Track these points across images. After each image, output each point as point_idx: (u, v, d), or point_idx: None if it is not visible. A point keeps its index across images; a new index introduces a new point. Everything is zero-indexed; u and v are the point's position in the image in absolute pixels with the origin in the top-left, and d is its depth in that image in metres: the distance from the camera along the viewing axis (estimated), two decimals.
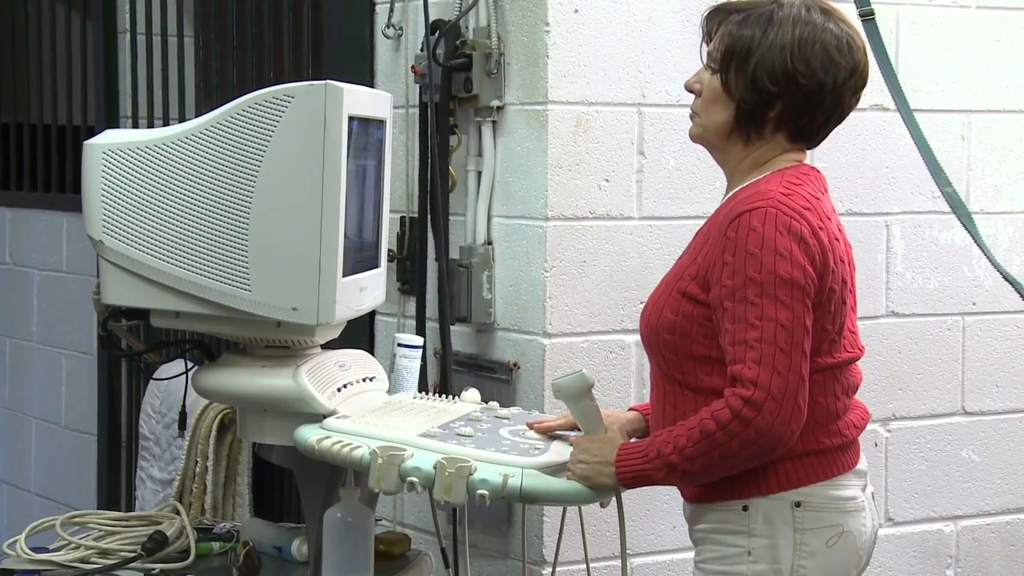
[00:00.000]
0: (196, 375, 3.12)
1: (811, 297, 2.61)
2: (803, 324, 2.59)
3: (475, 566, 3.63)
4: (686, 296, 2.68)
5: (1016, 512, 4.18)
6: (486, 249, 3.68)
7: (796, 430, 2.58)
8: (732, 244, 2.61)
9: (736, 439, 2.57)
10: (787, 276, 2.58)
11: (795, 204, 2.64)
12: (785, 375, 2.56)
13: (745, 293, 2.59)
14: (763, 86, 2.69)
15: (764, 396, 2.55)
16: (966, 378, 4.10)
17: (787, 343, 2.57)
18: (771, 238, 2.59)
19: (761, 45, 2.69)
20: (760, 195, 2.65)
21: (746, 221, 2.61)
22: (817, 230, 2.64)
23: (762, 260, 2.59)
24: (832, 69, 2.70)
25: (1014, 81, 4.12)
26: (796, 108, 2.71)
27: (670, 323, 2.69)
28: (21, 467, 5.76)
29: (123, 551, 3.25)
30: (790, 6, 2.72)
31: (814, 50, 2.69)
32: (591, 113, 3.59)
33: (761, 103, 2.71)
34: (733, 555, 2.68)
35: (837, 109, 2.75)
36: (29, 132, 5.64)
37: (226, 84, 4.40)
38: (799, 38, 2.69)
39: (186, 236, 2.93)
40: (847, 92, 2.73)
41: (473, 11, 3.65)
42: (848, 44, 2.72)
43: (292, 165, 2.90)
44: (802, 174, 2.74)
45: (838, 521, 2.69)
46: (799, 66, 2.68)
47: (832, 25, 2.71)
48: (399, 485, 2.77)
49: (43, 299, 5.60)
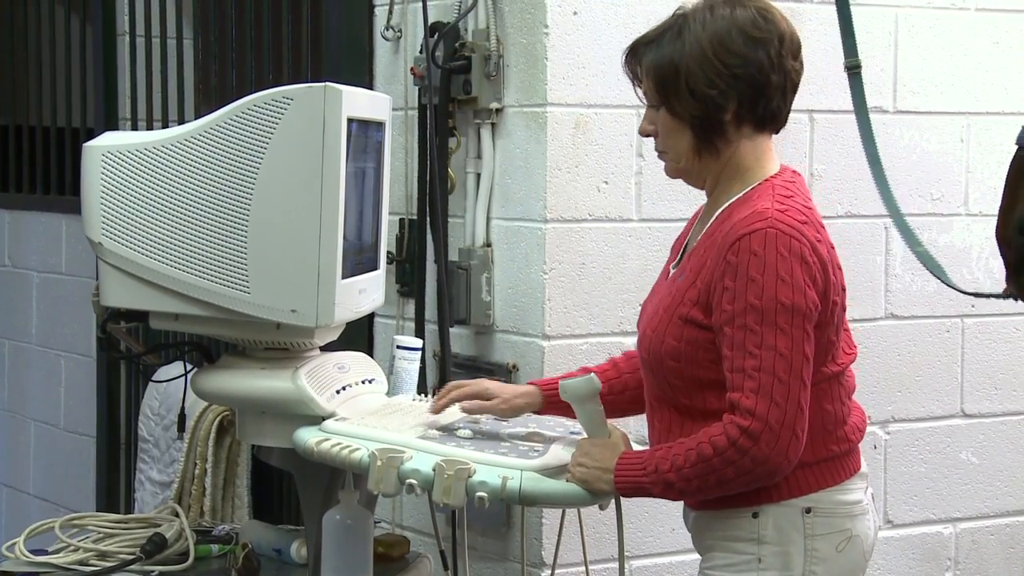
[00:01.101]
0: (195, 377, 3.12)
1: (812, 321, 2.59)
2: (803, 352, 2.57)
3: (474, 568, 3.63)
4: (688, 322, 2.66)
5: (1015, 514, 4.17)
6: (485, 251, 3.68)
7: (794, 460, 2.58)
8: (733, 269, 2.59)
9: (732, 467, 2.56)
10: (788, 303, 2.56)
11: (792, 220, 2.61)
12: (783, 406, 2.55)
13: (745, 320, 2.57)
14: (704, 94, 2.66)
15: (761, 427, 2.54)
16: (965, 380, 4.10)
17: (786, 372, 2.55)
18: (772, 262, 2.57)
19: (682, 57, 2.66)
20: (757, 215, 2.61)
21: (746, 245, 2.58)
22: (816, 244, 2.61)
23: (763, 286, 2.56)
24: (760, 46, 2.66)
25: (1013, 83, 4.12)
26: (748, 99, 2.67)
27: (674, 350, 2.67)
28: (20, 469, 5.76)
29: (122, 553, 3.25)
30: (694, 12, 2.70)
31: (733, 38, 2.65)
32: (590, 115, 3.59)
33: (712, 111, 2.68)
34: (743, 562, 2.67)
35: (787, 81, 2.70)
36: (28, 134, 5.64)
37: (225, 86, 4.40)
38: (713, 34, 2.66)
39: (185, 238, 2.93)
40: (787, 60, 2.69)
41: (472, 13, 3.65)
42: (764, 17, 2.68)
43: (291, 167, 2.90)
44: (788, 182, 2.71)
45: (847, 526, 2.69)
46: (727, 59, 2.65)
47: (740, 10, 2.68)
48: (398, 487, 2.77)
49: (42, 301, 5.60)
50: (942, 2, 4.02)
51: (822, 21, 3.82)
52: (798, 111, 3.76)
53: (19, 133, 5.70)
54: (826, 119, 3.86)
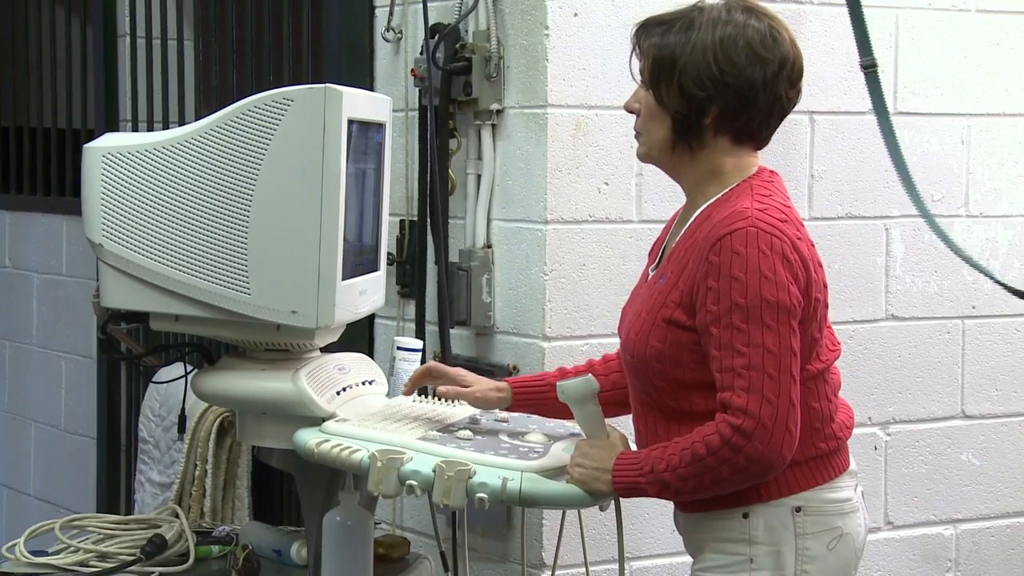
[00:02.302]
0: (195, 378, 3.12)
1: (797, 317, 2.59)
2: (790, 348, 2.57)
3: (474, 569, 3.63)
4: (672, 324, 2.66)
5: (1016, 516, 4.18)
6: (485, 252, 3.68)
7: (788, 456, 2.57)
8: (716, 269, 2.59)
9: (727, 465, 2.56)
10: (773, 299, 2.56)
11: (772, 218, 2.61)
12: (775, 402, 2.55)
13: (731, 319, 2.56)
14: (691, 93, 2.66)
15: (754, 424, 2.54)
16: (966, 381, 4.10)
17: (775, 369, 2.55)
18: (755, 260, 2.57)
19: (684, 52, 2.66)
20: (737, 215, 2.61)
21: (728, 244, 2.58)
22: (796, 242, 2.61)
23: (747, 284, 2.56)
24: (759, 65, 2.65)
25: (1013, 85, 4.12)
26: (730, 110, 2.67)
27: (658, 352, 2.67)
28: (20, 470, 5.76)
29: (122, 555, 3.25)
30: (711, 9, 2.69)
31: (737, 49, 2.64)
32: (590, 116, 3.59)
33: (694, 111, 2.67)
34: (735, 563, 2.67)
35: (775, 105, 2.69)
36: (29, 135, 5.64)
37: (226, 87, 4.41)
38: (721, 39, 2.65)
39: (186, 239, 2.93)
40: (781, 86, 2.68)
41: (473, 14, 3.65)
42: (773, 37, 2.67)
43: (291, 168, 2.90)
44: (766, 181, 2.71)
45: (837, 524, 2.69)
46: (724, 67, 2.64)
47: (755, 22, 2.67)
48: (398, 488, 2.76)
49: (43, 302, 5.60)
50: (943, 3, 4.02)
51: (822, 21, 3.82)
52: (798, 112, 3.78)
53: (19, 134, 5.70)
54: (826, 120, 3.86)
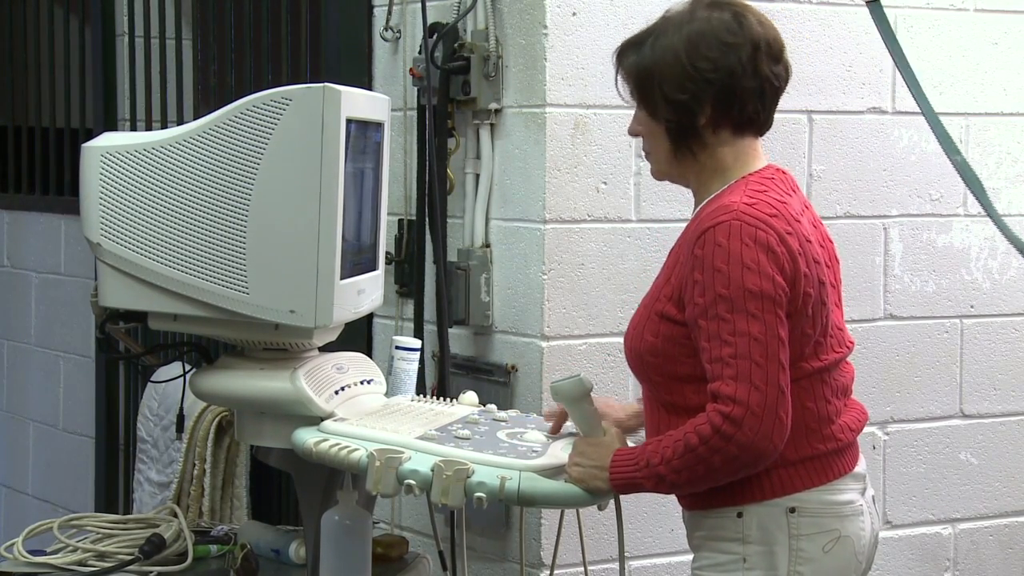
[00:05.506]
0: (194, 378, 3.12)
1: (783, 307, 2.59)
2: (776, 335, 2.57)
3: (473, 569, 3.63)
4: (664, 317, 2.67)
5: (1014, 515, 4.18)
6: (484, 252, 3.68)
7: (779, 443, 2.57)
8: (700, 262, 2.60)
9: (718, 454, 2.56)
10: (756, 289, 2.57)
11: (759, 213, 2.61)
12: (763, 389, 2.55)
13: (716, 310, 2.57)
14: (676, 99, 2.67)
15: (744, 412, 2.54)
16: (964, 381, 4.10)
17: (762, 356, 2.56)
18: (737, 251, 2.58)
19: (657, 61, 2.68)
20: (723, 208, 2.63)
21: (711, 237, 2.60)
22: (785, 236, 2.61)
23: (730, 275, 2.57)
24: (732, 52, 2.66)
25: (1012, 84, 4.12)
26: (721, 103, 2.68)
27: (652, 346, 2.68)
28: (19, 470, 5.76)
29: (120, 554, 3.25)
30: (676, 15, 2.71)
31: (706, 43, 2.66)
32: (589, 116, 3.59)
33: (685, 115, 2.68)
34: (728, 562, 2.67)
35: (764, 85, 2.70)
36: (27, 135, 5.64)
37: (224, 87, 4.40)
38: (688, 38, 2.66)
39: (184, 239, 2.93)
40: (764, 65, 2.68)
41: (471, 14, 3.65)
42: (738, 22, 2.68)
43: (290, 168, 2.90)
44: (766, 178, 2.71)
45: (834, 526, 2.68)
46: (699, 64, 2.66)
47: (718, 13, 2.68)
48: (397, 488, 2.76)
49: (41, 302, 5.60)
50: (941, 3, 4.02)
51: (821, 21, 3.82)
52: (797, 112, 3.79)
53: (18, 134, 5.70)
54: (825, 119, 3.86)
